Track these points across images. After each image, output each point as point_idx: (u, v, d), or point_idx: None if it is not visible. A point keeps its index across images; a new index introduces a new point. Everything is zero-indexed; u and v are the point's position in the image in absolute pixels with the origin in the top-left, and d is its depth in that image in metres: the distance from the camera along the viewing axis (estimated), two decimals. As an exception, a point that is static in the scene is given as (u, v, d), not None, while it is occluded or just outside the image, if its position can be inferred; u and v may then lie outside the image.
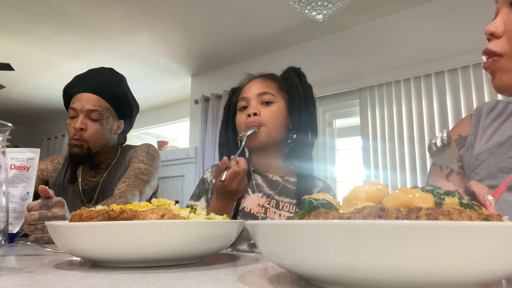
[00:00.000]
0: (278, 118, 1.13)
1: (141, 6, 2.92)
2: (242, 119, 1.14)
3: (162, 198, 0.60)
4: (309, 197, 0.40)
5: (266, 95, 1.14)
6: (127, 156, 1.51)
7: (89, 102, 1.40)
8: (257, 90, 1.14)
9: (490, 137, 0.77)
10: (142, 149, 1.51)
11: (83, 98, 1.41)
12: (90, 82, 1.45)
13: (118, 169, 1.49)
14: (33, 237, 0.93)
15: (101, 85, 1.45)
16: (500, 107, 0.80)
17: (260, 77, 1.20)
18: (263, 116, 1.11)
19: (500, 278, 0.34)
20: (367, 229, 0.30)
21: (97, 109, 1.40)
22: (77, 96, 1.42)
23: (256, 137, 1.10)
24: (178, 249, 0.50)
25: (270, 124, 1.11)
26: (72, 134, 1.40)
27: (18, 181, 0.97)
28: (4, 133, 0.55)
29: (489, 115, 0.80)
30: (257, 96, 1.14)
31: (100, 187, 1.46)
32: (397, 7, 2.93)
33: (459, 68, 2.70)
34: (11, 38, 3.40)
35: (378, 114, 3.00)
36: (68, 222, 0.53)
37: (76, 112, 1.40)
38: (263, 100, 1.13)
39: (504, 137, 0.74)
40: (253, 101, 1.14)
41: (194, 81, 4.22)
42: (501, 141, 0.74)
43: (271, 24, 3.17)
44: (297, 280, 0.42)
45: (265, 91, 1.14)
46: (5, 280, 0.42)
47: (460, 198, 0.36)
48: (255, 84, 1.17)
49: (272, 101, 1.14)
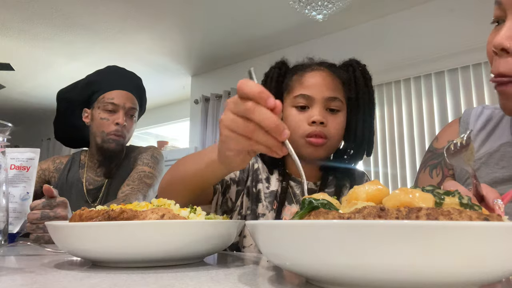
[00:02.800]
0: (343, 130, 0.96)
1: (141, 6, 2.92)
2: (300, 120, 0.93)
3: (162, 198, 0.60)
4: (309, 197, 0.40)
5: (335, 101, 0.93)
6: (132, 157, 1.52)
7: (129, 100, 1.46)
8: (326, 93, 0.93)
9: (481, 146, 0.74)
10: (147, 151, 1.52)
11: (123, 95, 1.45)
12: (128, 82, 1.51)
13: (124, 169, 1.49)
14: (34, 236, 0.93)
15: (136, 87, 1.52)
16: (487, 113, 0.77)
17: (326, 69, 0.97)
18: (330, 128, 0.92)
19: (500, 278, 0.34)
20: (367, 229, 0.30)
21: (135, 107, 1.48)
22: (115, 92, 1.45)
23: (319, 149, 0.92)
24: (178, 249, 0.50)
25: (335, 138, 0.94)
26: (113, 129, 1.42)
27: (18, 181, 0.97)
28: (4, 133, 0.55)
29: (477, 122, 0.77)
30: (325, 101, 0.93)
31: (106, 186, 1.46)
32: (397, 7, 2.93)
33: (459, 68, 2.70)
34: (11, 38, 3.40)
35: (378, 114, 3.00)
36: (68, 222, 0.53)
37: (117, 107, 1.43)
38: (330, 107, 0.93)
39: (495, 145, 0.72)
40: (319, 105, 0.92)
41: (194, 81, 4.22)
42: (492, 150, 0.72)
43: (271, 24, 3.17)
44: (297, 280, 0.42)
45: (335, 96, 0.93)
46: (5, 280, 0.42)
47: (460, 198, 0.36)
48: (323, 80, 0.95)
49: (340, 109, 0.94)
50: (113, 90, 1.45)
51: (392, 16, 3.01)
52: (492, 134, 0.74)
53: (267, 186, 0.98)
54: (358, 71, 0.98)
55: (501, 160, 0.70)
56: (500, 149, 0.71)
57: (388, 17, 3.03)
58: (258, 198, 0.96)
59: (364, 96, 0.96)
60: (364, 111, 0.97)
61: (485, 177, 0.71)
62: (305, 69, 0.97)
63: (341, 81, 0.96)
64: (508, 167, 0.68)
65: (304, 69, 0.98)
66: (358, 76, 0.97)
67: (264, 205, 0.95)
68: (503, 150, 0.70)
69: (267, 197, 0.96)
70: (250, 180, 0.98)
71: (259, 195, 0.96)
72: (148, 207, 0.54)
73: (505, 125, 0.74)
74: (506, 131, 0.73)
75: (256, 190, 0.97)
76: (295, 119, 0.93)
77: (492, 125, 0.75)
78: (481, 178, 0.71)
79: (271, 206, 0.95)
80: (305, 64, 1.00)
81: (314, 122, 0.90)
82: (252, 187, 0.97)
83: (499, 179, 0.68)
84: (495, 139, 0.73)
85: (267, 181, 0.98)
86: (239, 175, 0.96)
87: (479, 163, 0.72)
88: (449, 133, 0.81)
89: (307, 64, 1.00)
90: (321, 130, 0.91)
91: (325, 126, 0.91)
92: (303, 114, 0.93)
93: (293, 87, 0.96)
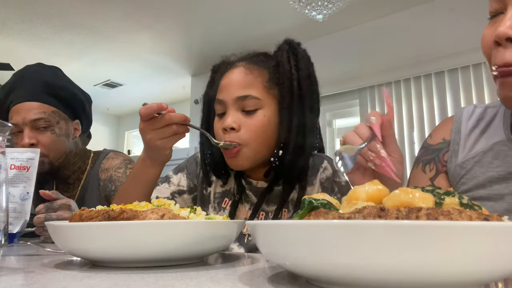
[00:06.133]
0: (265, 132, 0.83)
1: (141, 6, 2.93)
2: (218, 127, 0.86)
3: (162, 198, 0.60)
4: (309, 197, 0.40)
5: (247, 100, 0.82)
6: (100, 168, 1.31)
7: (30, 111, 1.17)
8: (235, 93, 0.83)
9: (474, 145, 0.74)
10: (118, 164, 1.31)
11: (20, 109, 1.18)
12: (23, 89, 1.21)
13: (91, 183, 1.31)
14: (43, 237, 0.99)
15: (37, 88, 1.21)
16: (479, 112, 0.77)
17: (241, 65, 0.87)
18: (243, 133, 0.82)
19: (500, 278, 0.34)
20: (367, 229, 0.30)
21: (42, 116, 1.18)
22: (13, 109, 1.19)
23: (235, 160, 0.84)
24: (178, 249, 0.50)
25: (253, 143, 0.83)
26: None
27: (18, 181, 0.97)
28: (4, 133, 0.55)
29: (469, 121, 0.77)
30: (236, 102, 0.83)
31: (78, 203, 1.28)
32: (397, 7, 2.93)
33: (459, 68, 2.70)
34: (11, 38, 3.40)
35: (378, 114, 3.00)
36: (68, 222, 0.53)
37: (19, 127, 1.17)
38: (245, 108, 0.83)
39: (489, 144, 0.71)
40: (232, 107, 0.84)
41: (194, 81, 4.22)
42: (486, 148, 0.71)
43: (271, 24, 3.17)
44: (297, 280, 0.42)
45: (246, 94, 0.83)
46: (5, 280, 0.42)
47: (460, 198, 0.36)
48: (235, 78, 0.85)
49: (257, 107, 0.83)
50: (13, 107, 1.20)
51: (392, 16, 3.01)
52: (484, 132, 0.74)
53: (221, 185, 0.97)
54: (285, 53, 0.86)
55: (495, 158, 0.70)
56: (494, 148, 0.71)
57: (388, 17, 3.03)
58: (208, 200, 0.97)
59: (293, 82, 0.83)
60: (300, 100, 0.84)
61: (480, 176, 0.70)
62: (224, 71, 0.90)
63: (264, 73, 0.85)
64: (502, 165, 0.68)
65: (223, 70, 0.90)
66: (285, 57, 0.86)
67: (213, 206, 0.96)
68: (497, 149, 0.70)
69: (217, 198, 0.96)
70: (200, 184, 0.98)
71: (209, 197, 0.97)
72: (148, 207, 0.54)
73: (498, 123, 0.73)
74: (499, 129, 0.72)
75: (206, 192, 0.98)
76: (215, 129, 0.87)
77: (485, 124, 0.75)
78: (475, 177, 0.71)
79: (219, 207, 0.95)
80: (225, 64, 0.92)
81: (226, 130, 0.83)
82: (202, 190, 0.98)
83: (495, 178, 0.68)
84: (488, 138, 0.73)
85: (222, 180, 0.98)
86: (187, 183, 0.98)
87: (473, 162, 0.72)
88: (443, 130, 0.81)
89: (226, 63, 0.92)
90: (233, 137, 0.82)
91: (237, 131, 0.82)
92: (220, 120, 0.86)
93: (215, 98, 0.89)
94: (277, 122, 0.84)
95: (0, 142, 0.55)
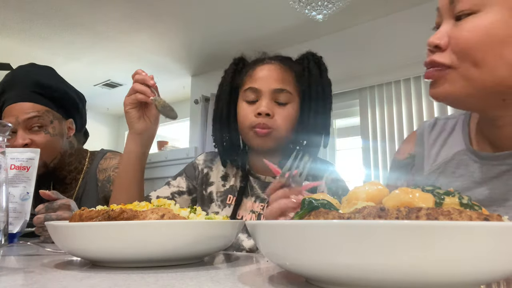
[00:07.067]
0: (292, 121, 0.96)
1: (141, 6, 2.92)
2: (248, 113, 0.96)
3: (162, 198, 0.60)
4: (309, 197, 0.40)
5: (283, 93, 0.95)
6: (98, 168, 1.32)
7: (23, 111, 1.17)
8: (273, 85, 0.95)
9: (437, 156, 0.76)
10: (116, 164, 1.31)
11: (13, 110, 1.17)
12: (15, 90, 1.20)
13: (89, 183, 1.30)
14: (42, 237, 0.99)
15: (29, 88, 1.20)
16: (440, 124, 0.80)
17: (276, 63, 0.99)
18: (277, 120, 0.94)
19: (500, 278, 0.34)
20: (367, 229, 0.30)
21: (35, 115, 1.17)
22: (5, 111, 1.19)
23: (264, 138, 0.94)
24: (178, 249, 0.50)
25: (282, 129, 0.95)
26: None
27: (18, 181, 0.97)
28: (4, 133, 0.55)
29: (431, 134, 0.80)
30: (272, 93, 0.95)
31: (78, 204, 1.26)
32: (397, 7, 2.93)
33: (459, 68, 2.70)
34: (11, 38, 3.40)
35: (378, 114, 3.00)
36: (68, 222, 0.53)
37: (14, 128, 1.16)
38: (279, 99, 0.95)
39: (450, 154, 0.74)
40: (266, 97, 0.95)
41: (194, 81, 4.22)
42: (447, 159, 0.73)
43: (271, 24, 3.17)
44: (297, 280, 0.42)
45: (283, 88, 0.95)
46: (5, 280, 0.42)
47: (460, 198, 0.36)
48: (271, 73, 0.97)
49: (288, 102, 0.96)
50: (5, 109, 1.19)
51: (392, 16, 3.01)
52: (445, 143, 0.76)
53: (223, 184, 1.04)
54: (312, 62, 1.00)
55: (457, 168, 0.71)
56: (455, 157, 0.72)
57: (388, 17, 3.03)
58: (211, 199, 1.02)
59: (318, 88, 0.97)
60: (318, 102, 0.97)
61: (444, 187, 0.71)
62: (257, 64, 1.00)
63: (293, 74, 0.98)
64: (465, 175, 0.69)
65: (256, 63, 1.01)
66: (311, 67, 0.98)
67: (216, 204, 1.01)
68: (458, 158, 0.72)
69: (220, 196, 1.02)
70: (200, 185, 1.04)
71: (211, 196, 1.02)
72: (148, 207, 0.54)
73: (457, 133, 0.76)
74: (459, 139, 0.74)
75: (207, 192, 1.03)
76: (244, 112, 0.97)
77: (446, 135, 0.78)
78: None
79: (223, 204, 1.01)
80: (258, 59, 1.03)
81: (260, 114, 0.93)
82: (202, 191, 1.04)
83: (459, 188, 0.68)
84: (449, 148, 0.75)
85: (223, 179, 1.04)
86: (186, 185, 1.04)
87: (437, 173, 0.73)
88: (408, 145, 0.84)
89: (259, 59, 1.03)
90: (267, 121, 0.93)
91: (271, 117, 0.94)
92: (252, 107, 0.96)
93: (245, 82, 0.99)
94: (298, 117, 0.97)
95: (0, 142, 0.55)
